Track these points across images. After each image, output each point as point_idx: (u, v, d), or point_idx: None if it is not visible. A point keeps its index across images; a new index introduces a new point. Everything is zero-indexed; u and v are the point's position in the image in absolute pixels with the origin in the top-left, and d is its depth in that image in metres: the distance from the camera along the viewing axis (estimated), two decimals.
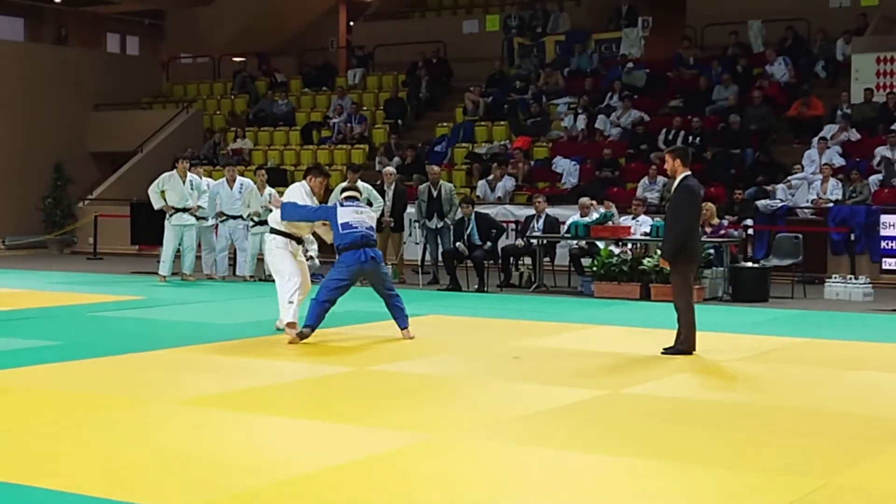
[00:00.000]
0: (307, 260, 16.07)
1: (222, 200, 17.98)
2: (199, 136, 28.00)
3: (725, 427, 7.15)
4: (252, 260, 17.72)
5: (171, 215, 17.44)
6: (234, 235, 17.98)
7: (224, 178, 18.38)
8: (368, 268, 11.02)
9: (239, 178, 18.22)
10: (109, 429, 7.01)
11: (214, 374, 9.04)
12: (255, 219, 17.48)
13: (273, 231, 11.59)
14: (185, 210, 17.49)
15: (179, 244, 17.53)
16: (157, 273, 17.47)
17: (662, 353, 10.13)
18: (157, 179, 17.68)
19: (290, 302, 11.16)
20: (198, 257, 18.08)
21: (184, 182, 17.51)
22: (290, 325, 10.96)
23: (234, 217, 17.85)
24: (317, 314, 10.84)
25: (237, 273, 18.12)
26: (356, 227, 11.00)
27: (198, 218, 17.82)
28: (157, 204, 17.61)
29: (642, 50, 25.40)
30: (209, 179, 18.90)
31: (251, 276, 17.67)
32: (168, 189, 17.49)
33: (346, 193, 11.50)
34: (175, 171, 17.63)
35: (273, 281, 15.82)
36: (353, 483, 5.80)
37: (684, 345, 10.15)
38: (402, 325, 11.26)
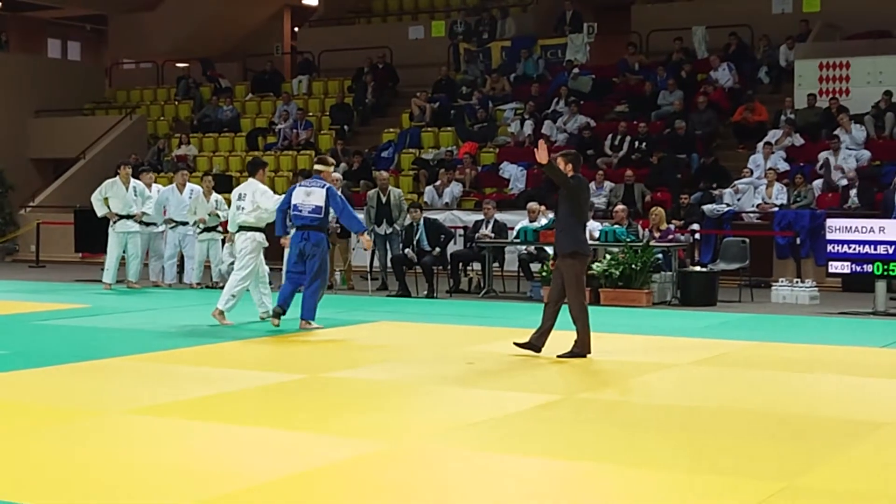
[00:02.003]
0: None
1: (172, 206, 17.81)
2: (142, 142, 27.76)
3: (682, 431, 7.16)
4: (199, 267, 17.56)
5: (114, 222, 17.24)
6: (183, 242, 17.80)
7: (174, 184, 18.23)
8: (307, 249, 12.12)
9: (189, 184, 18.05)
10: (60, 440, 6.88)
11: (165, 382, 8.91)
12: (202, 226, 17.33)
13: (251, 229, 12.83)
14: (129, 217, 17.30)
15: (124, 251, 17.34)
16: (101, 281, 17.25)
17: (558, 357, 10.09)
18: (100, 186, 17.49)
19: (233, 296, 12.61)
20: (145, 264, 17.92)
21: (127, 188, 17.31)
22: (220, 312, 12.46)
23: (184, 223, 17.68)
24: (286, 297, 12.23)
25: (184, 280, 17.93)
26: (300, 210, 12.16)
27: (146, 224, 17.65)
28: (100, 211, 17.41)
29: (588, 56, 25.52)
30: (159, 186, 18.68)
31: (198, 284, 17.51)
32: (111, 196, 17.28)
33: (316, 167, 12.73)
34: (118, 177, 17.43)
35: (220, 288, 15.75)
36: (311, 492, 5.73)
37: (580, 347, 10.14)
38: (302, 315, 12.12)
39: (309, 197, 12.10)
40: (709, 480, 5.90)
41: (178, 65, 31.17)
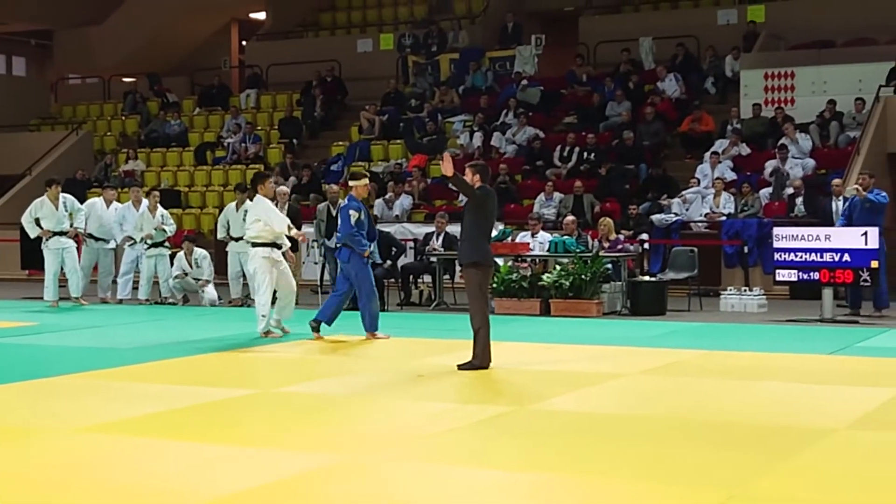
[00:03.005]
0: (201, 290, 16.23)
1: (129, 223, 17.72)
2: (89, 157, 27.53)
3: (633, 440, 7.19)
4: (148, 283, 17.45)
5: (47, 239, 17.09)
6: (140, 259, 17.67)
7: (129, 202, 18.15)
8: (344, 268, 12.75)
9: (145, 200, 17.96)
10: (8, 460, 6.79)
11: (115, 400, 8.83)
12: (149, 241, 17.26)
13: (255, 244, 12.75)
14: (62, 234, 17.14)
15: (63, 267, 17.20)
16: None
17: (458, 367, 10.11)
18: (29, 208, 17.36)
19: (263, 315, 12.62)
20: (93, 280, 17.77)
21: (56, 206, 17.15)
22: (265, 334, 12.60)
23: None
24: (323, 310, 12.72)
25: (137, 297, 17.81)
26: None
27: (96, 239, 17.58)
28: (32, 233, 17.34)
29: (536, 67, 25.64)
30: (117, 204, 18.45)
31: (146, 300, 17.39)
32: (42, 216, 17.14)
33: (350, 182, 13.09)
34: (45, 196, 17.26)
35: (170, 303, 15.73)
36: None
37: (480, 359, 10.15)
38: (367, 329, 12.54)
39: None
40: (658, 489, 5.92)
41: (125, 79, 30.98)
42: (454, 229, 17.84)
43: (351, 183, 13.01)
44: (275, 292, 12.77)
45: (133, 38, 30.61)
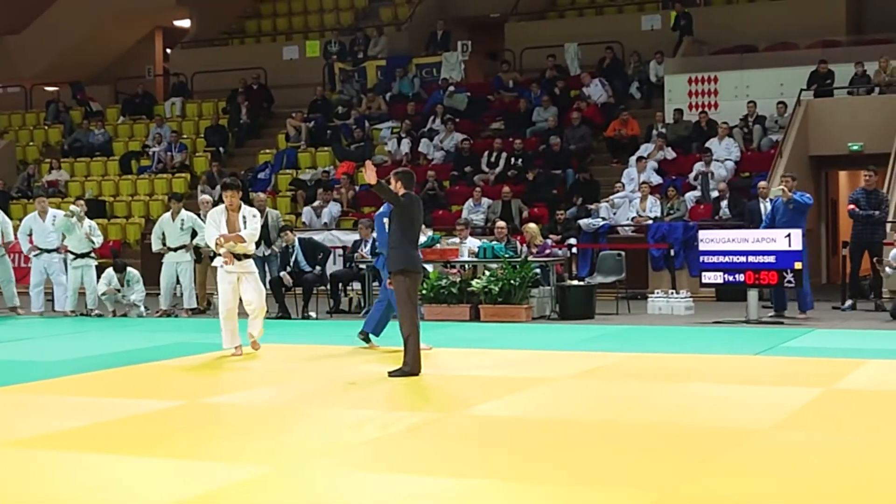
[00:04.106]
0: (132, 307, 15.89)
1: (36, 234, 17.48)
2: (11, 168, 27.13)
3: (565, 444, 7.21)
4: (74, 294, 17.21)
5: None
6: (49, 269, 17.44)
7: (35, 212, 17.89)
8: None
9: (51, 211, 17.74)
10: None
11: (40, 414, 8.68)
12: (75, 252, 17.04)
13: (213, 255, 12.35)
14: None
15: None
16: None
17: (389, 375, 10.11)
18: None
19: (223, 329, 11.81)
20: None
21: None
22: (236, 349, 11.82)
23: (49, 251, 17.36)
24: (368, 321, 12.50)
25: (56, 308, 17.54)
26: None
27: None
28: None
29: (463, 74, 25.70)
30: (56, 212, 18.00)
31: (72, 311, 17.15)
32: None
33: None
34: None
35: (96, 315, 15.53)
36: None
37: (410, 366, 10.15)
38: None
39: None
40: (587, 493, 5.95)
41: (47, 88, 30.53)
42: None
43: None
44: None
45: (55, 46, 30.19)
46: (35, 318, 17.14)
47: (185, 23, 31.44)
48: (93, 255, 17.31)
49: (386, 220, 11.59)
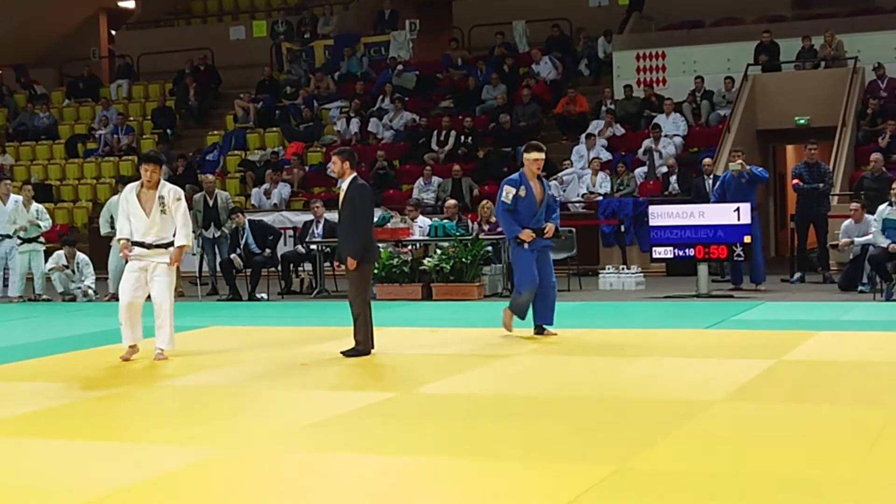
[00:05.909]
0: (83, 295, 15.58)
1: None
2: None
3: (519, 420, 7.22)
4: (21, 280, 17.02)
5: None
6: (9, 255, 17.16)
7: None
8: None
9: (13, 195, 17.46)
10: None
11: None
12: (22, 235, 16.85)
13: None
14: None
15: None
16: None
17: (342, 354, 10.08)
18: None
19: (121, 324, 10.28)
20: None
21: None
22: (129, 348, 10.30)
23: (9, 236, 17.09)
24: None
25: (8, 294, 17.34)
26: None
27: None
28: None
29: (411, 52, 25.63)
30: (17, 197, 17.66)
31: (19, 297, 16.96)
32: None
33: None
34: None
35: (44, 300, 15.31)
36: (148, 502, 5.59)
37: (363, 345, 10.14)
38: None
39: None
40: (544, 467, 5.96)
41: None
42: (333, 216, 17.78)
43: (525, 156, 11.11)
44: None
45: None
46: None
47: (130, 4, 31.12)
48: (40, 239, 17.11)
49: (507, 187, 10.88)
